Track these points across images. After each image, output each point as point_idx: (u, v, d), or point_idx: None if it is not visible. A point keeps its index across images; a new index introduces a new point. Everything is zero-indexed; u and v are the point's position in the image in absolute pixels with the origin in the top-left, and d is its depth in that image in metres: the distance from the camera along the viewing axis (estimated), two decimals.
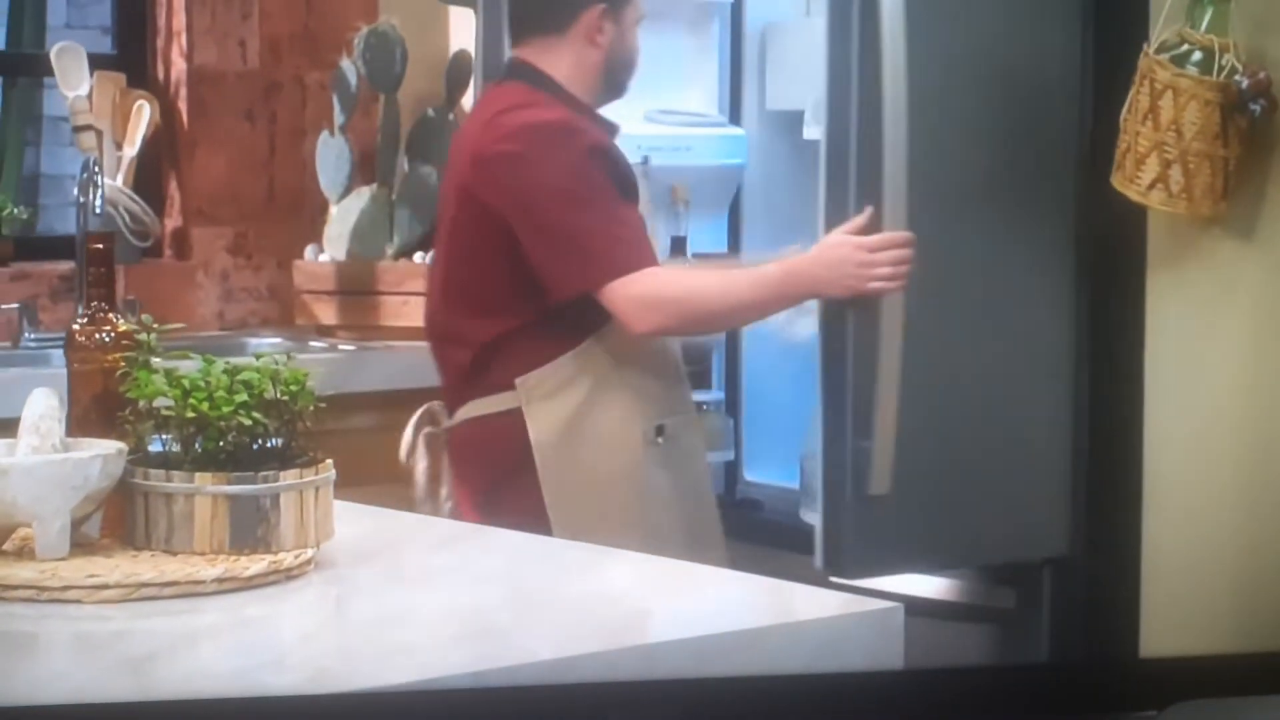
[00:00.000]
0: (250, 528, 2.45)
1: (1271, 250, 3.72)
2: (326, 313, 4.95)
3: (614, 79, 3.67)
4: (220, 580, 2.39)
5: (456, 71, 4.87)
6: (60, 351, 4.62)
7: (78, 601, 2.33)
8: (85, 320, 2.59)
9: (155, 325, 2.56)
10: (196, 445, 2.47)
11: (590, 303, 3.51)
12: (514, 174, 3.49)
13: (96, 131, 5.08)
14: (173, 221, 5.23)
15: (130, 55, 5.28)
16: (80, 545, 2.49)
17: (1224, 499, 3.84)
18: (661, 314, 3.49)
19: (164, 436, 2.50)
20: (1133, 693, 2.14)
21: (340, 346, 4.82)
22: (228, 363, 2.53)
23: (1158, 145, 3.67)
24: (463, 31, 4.89)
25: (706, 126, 4.58)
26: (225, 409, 2.45)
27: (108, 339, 2.57)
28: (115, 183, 5.02)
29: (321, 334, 4.92)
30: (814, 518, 3.82)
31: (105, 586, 2.35)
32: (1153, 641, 3.92)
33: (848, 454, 3.72)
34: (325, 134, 5.02)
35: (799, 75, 4.35)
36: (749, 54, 4.64)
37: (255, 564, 2.42)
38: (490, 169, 3.51)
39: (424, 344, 3.81)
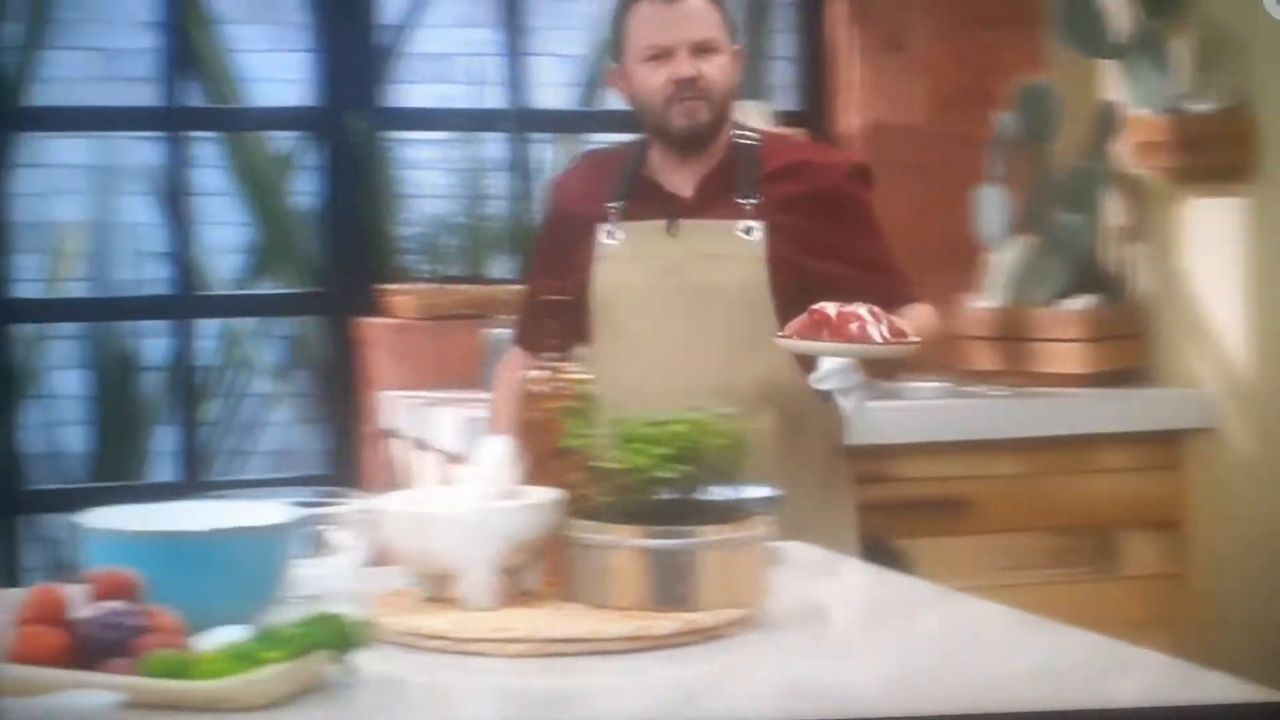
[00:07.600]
0: (671, 584, 2.19)
1: None
2: (982, 358, 4.61)
3: None
4: (630, 639, 2.13)
5: (1105, 121, 4.43)
6: None
7: (483, 654, 2.12)
8: (539, 370, 2.37)
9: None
10: (624, 497, 2.22)
11: None
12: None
13: None
14: None
15: (815, 111, 5.10)
16: (521, 594, 2.27)
17: None
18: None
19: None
20: None
21: (991, 392, 4.46)
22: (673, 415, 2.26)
23: None
24: (1112, 82, 4.47)
25: None
26: (643, 460, 2.19)
27: (559, 389, 2.35)
28: None
29: (976, 379, 4.58)
30: None
31: (512, 641, 2.12)
32: None
33: None
34: (986, 185, 4.68)
35: None
36: None
37: (669, 623, 2.15)
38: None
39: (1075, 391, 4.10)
